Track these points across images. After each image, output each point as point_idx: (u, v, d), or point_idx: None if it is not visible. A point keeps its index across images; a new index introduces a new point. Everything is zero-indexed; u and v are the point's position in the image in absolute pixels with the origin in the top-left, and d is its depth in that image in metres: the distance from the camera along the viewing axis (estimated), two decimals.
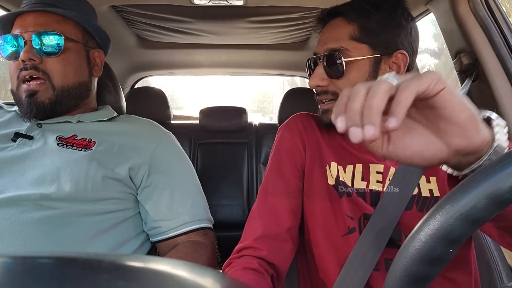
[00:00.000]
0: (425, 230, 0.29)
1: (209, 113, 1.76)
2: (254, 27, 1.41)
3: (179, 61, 1.89)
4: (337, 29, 0.67)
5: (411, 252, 0.29)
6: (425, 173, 0.65)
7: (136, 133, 0.82)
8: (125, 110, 1.12)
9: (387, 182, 0.65)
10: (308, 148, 0.73)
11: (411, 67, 0.68)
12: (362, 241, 0.61)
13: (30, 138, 0.72)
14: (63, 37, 0.74)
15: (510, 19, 0.91)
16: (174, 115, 1.89)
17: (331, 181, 0.69)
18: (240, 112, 1.76)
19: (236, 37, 1.55)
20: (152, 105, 1.70)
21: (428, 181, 0.64)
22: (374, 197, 0.65)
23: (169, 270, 0.20)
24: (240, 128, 1.74)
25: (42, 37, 0.72)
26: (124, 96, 1.57)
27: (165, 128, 0.89)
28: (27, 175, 0.66)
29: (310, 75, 0.72)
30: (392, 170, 0.66)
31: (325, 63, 0.66)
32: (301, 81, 2.38)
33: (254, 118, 1.96)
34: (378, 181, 0.66)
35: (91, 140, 0.75)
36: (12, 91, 0.76)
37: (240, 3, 1.14)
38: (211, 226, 0.82)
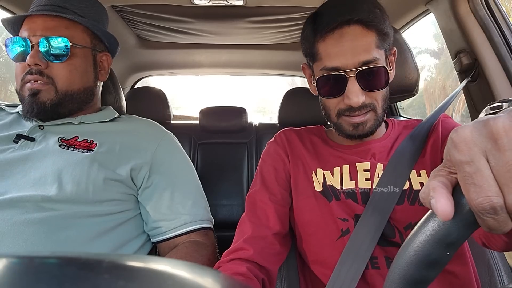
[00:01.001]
0: (422, 234, 0.29)
1: (209, 113, 1.76)
2: (254, 27, 1.41)
3: (179, 61, 1.89)
4: (362, 38, 0.61)
5: (408, 256, 0.30)
6: (415, 167, 0.65)
7: (137, 134, 0.82)
8: (125, 110, 1.12)
9: (376, 179, 0.66)
10: (292, 158, 0.74)
11: None
12: (354, 238, 0.61)
13: (32, 140, 0.73)
14: (70, 43, 0.73)
15: (510, 19, 0.91)
16: (174, 115, 1.89)
17: (318, 188, 0.69)
18: (240, 112, 1.76)
19: (236, 37, 1.55)
20: (152, 105, 1.70)
21: (419, 175, 0.65)
22: (365, 196, 0.66)
23: (169, 270, 0.20)
24: (240, 128, 1.74)
25: (49, 41, 0.71)
26: (124, 96, 1.56)
27: (165, 128, 0.89)
28: (29, 176, 0.66)
29: (328, 89, 0.65)
30: (380, 166, 0.67)
31: (360, 77, 0.61)
32: (301, 81, 2.37)
33: (254, 118, 1.95)
34: (366, 179, 0.67)
35: (93, 141, 0.75)
36: (16, 90, 0.76)
37: (240, 3, 1.14)
38: (212, 226, 0.82)
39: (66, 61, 0.74)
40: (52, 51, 0.72)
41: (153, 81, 2.24)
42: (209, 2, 1.13)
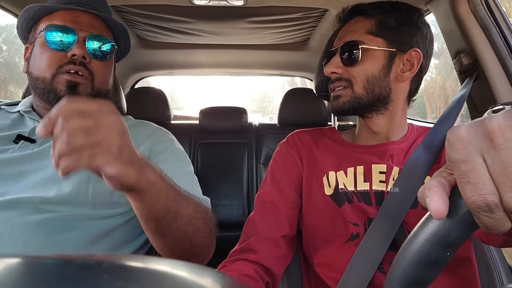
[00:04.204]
0: (422, 234, 0.29)
1: (209, 113, 1.76)
2: (254, 27, 1.41)
3: (179, 61, 1.89)
4: (355, 24, 0.71)
5: (408, 256, 0.29)
6: (429, 173, 0.65)
7: (135, 136, 0.81)
8: (126, 110, 1.12)
9: (391, 182, 0.65)
10: (305, 160, 0.74)
11: (424, 70, 0.71)
12: (366, 241, 0.61)
13: (33, 141, 0.72)
14: (113, 44, 0.76)
15: (510, 19, 0.91)
16: (174, 115, 1.89)
17: (328, 192, 0.69)
18: (240, 112, 1.76)
19: (236, 37, 1.55)
20: (152, 105, 1.70)
21: None
22: (378, 198, 0.65)
23: (169, 270, 0.20)
24: (240, 128, 1.74)
25: (96, 39, 0.73)
26: (124, 96, 1.56)
27: (165, 128, 0.89)
28: (28, 178, 0.66)
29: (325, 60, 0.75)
30: (396, 169, 0.66)
31: (341, 53, 0.70)
32: (301, 81, 2.38)
33: (254, 118, 1.96)
34: (381, 181, 0.66)
35: None
36: (42, 78, 0.73)
37: (240, 3, 1.14)
38: (209, 207, 0.81)
39: (105, 61, 0.76)
40: (99, 49, 0.74)
41: (153, 81, 2.24)
42: (209, 2, 1.13)
